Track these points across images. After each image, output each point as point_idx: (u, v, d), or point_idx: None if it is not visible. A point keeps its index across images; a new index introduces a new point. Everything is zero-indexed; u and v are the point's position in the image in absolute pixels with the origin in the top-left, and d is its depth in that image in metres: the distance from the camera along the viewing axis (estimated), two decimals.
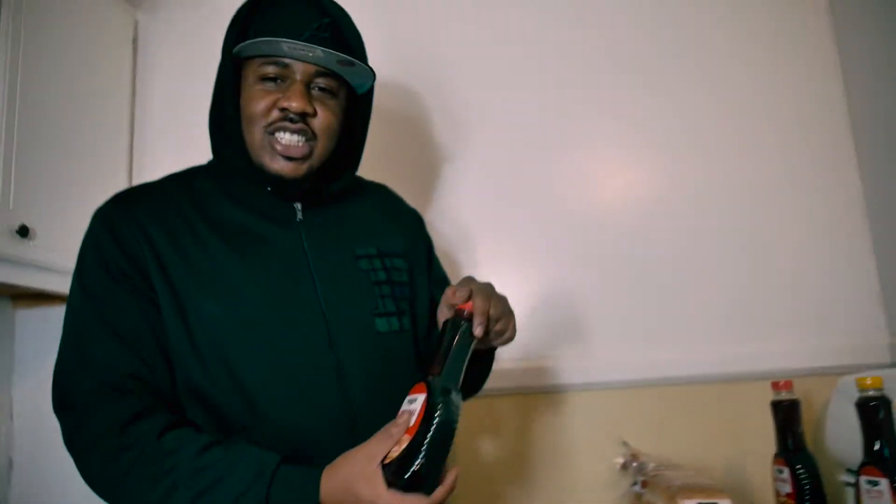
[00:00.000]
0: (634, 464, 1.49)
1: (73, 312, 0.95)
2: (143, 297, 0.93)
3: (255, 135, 0.97)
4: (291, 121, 0.95)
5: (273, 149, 0.97)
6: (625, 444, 1.54)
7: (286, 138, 0.96)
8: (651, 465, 1.44)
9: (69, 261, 1.53)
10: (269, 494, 0.82)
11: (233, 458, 0.85)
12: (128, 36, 1.87)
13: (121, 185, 1.78)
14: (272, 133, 0.96)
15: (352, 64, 0.97)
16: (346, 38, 1.00)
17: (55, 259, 1.51)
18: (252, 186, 1.02)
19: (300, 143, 0.96)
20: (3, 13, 1.43)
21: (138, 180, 1.84)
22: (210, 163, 1.10)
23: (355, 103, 1.06)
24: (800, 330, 1.58)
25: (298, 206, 1.04)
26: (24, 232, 1.41)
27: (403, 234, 1.15)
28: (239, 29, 0.99)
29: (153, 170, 1.81)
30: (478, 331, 0.89)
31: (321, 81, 0.98)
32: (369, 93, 1.06)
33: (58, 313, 1.74)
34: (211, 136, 1.06)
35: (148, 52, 1.91)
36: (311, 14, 0.96)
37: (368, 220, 1.12)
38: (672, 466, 1.42)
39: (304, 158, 0.98)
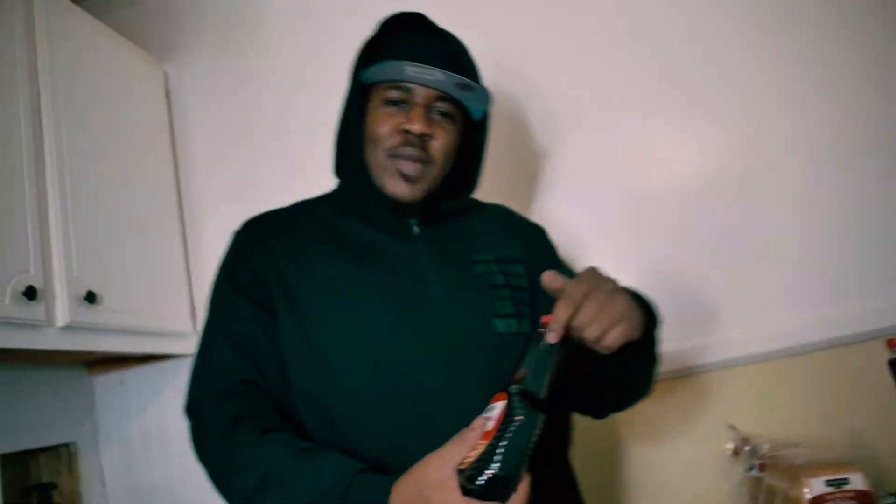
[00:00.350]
0: (747, 448, 1.39)
1: (205, 325, 1.05)
2: (261, 308, 1.00)
3: (377, 156, 1.03)
4: (412, 144, 1.00)
5: (394, 171, 1.02)
6: (732, 427, 1.45)
7: (408, 159, 1.01)
8: (765, 447, 1.34)
9: (136, 320, 1.57)
10: (345, 494, 0.83)
11: (321, 461, 0.87)
12: (160, 90, 1.88)
13: (174, 239, 1.77)
14: (394, 157, 1.01)
15: (470, 88, 1.02)
16: (464, 65, 1.05)
17: (123, 320, 1.51)
18: (371, 205, 1.06)
19: (420, 167, 1.02)
20: (42, 93, 1.44)
21: (192, 233, 1.84)
22: (332, 191, 1.16)
23: (472, 128, 1.10)
24: None
25: (415, 222, 1.07)
26: (91, 298, 1.41)
27: (522, 243, 1.16)
28: (366, 56, 1.05)
29: (204, 221, 1.82)
30: (550, 337, 0.82)
31: (441, 105, 1.03)
32: (486, 117, 1.10)
33: (133, 375, 1.79)
34: (335, 156, 1.12)
35: (181, 104, 1.92)
36: (433, 42, 1.04)
37: (485, 231, 1.14)
38: (789, 445, 1.33)
39: (420, 180, 1.03)
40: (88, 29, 1.64)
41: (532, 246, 1.17)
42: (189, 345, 1.72)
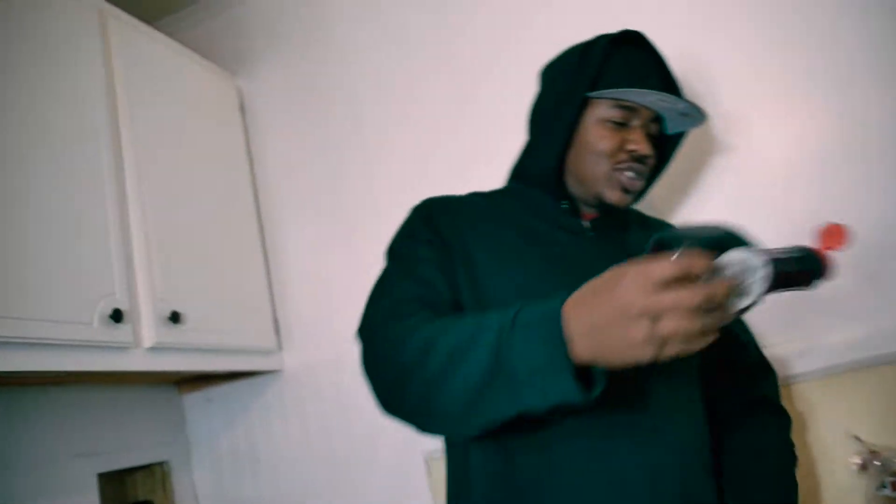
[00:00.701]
0: (876, 462, 1.25)
1: (381, 272, 1.04)
2: (441, 257, 1.02)
3: (600, 168, 1.06)
4: (638, 161, 1.06)
5: (618, 182, 1.06)
6: (856, 439, 1.31)
7: (631, 176, 1.06)
8: None
9: (219, 339, 1.57)
10: (517, 315, 0.77)
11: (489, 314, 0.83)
12: (234, 104, 1.89)
13: (255, 254, 1.77)
14: (619, 170, 1.06)
15: (689, 115, 1.08)
16: (677, 88, 1.11)
17: (207, 339, 1.51)
18: (547, 201, 1.11)
19: (638, 181, 1.07)
20: (120, 113, 1.46)
21: (271, 246, 1.83)
22: (506, 186, 1.19)
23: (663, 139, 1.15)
24: None
25: (587, 223, 1.11)
26: (175, 318, 1.41)
27: None
28: (590, 72, 1.07)
29: (284, 233, 1.82)
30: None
31: (653, 126, 1.09)
32: (682, 136, 1.15)
33: (220, 392, 1.80)
34: (525, 154, 1.16)
35: (255, 117, 1.91)
36: (652, 63, 1.09)
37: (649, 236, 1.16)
38: None
39: (637, 192, 1.09)
40: (162, 48, 1.65)
41: None
42: (273, 361, 1.72)
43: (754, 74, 1.48)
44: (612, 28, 1.10)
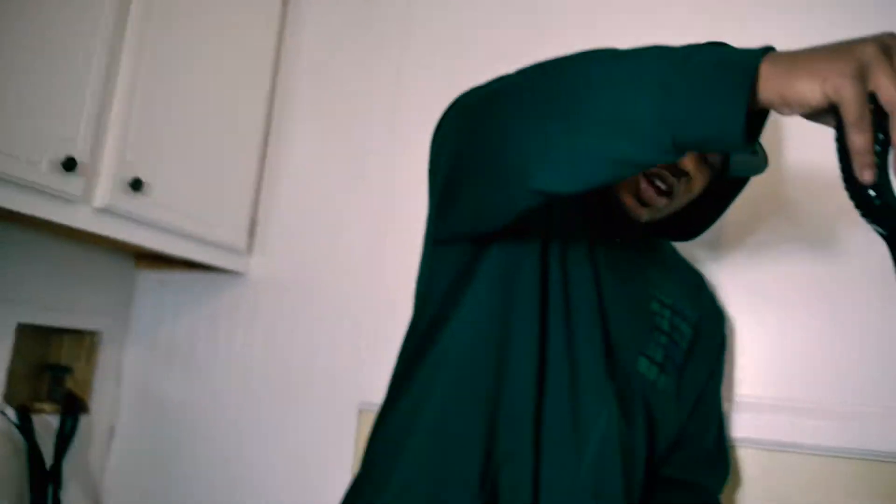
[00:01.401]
0: None
1: None
2: None
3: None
4: (674, 174, 0.94)
5: (637, 188, 0.96)
6: None
7: (658, 187, 0.95)
8: None
9: (183, 221, 1.40)
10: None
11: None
12: None
13: (252, 148, 1.63)
14: (647, 176, 0.95)
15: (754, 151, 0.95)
16: None
17: (170, 218, 1.39)
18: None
19: (663, 199, 0.96)
20: None
21: (274, 152, 1.68)
22: None
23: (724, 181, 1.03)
24: None
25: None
26: (137, 185, 1.28)
27: (701, 313, 1.14)
28: None
29: (290, 144, 1.67)
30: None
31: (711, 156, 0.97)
32: (746, 179, 1.05)
33: (177, 280, 1.68)
34: None
35: (299, 15, 1.73)
36: None
37: (674, 280, 1.12)
38: None
39: (660, 211, 0.99)
40: None
41: (709, 326, 1.15)
42: (238, 263, 1.60)
43: None
44: None
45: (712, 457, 1.13)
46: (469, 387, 0.89)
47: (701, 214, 1.08)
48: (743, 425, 1.23)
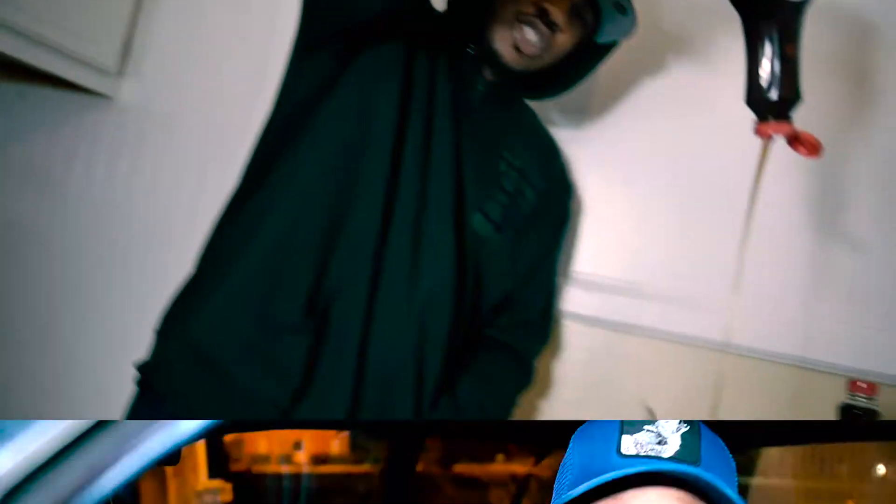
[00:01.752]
0: None
1: None
2: None
3: (506, 10, 0.97)
4: (546, 24, 0.95)
5: (512, 38, 0.96)
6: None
7: (530, 35, 0.96)
8: None
9: (43, 28, 1.24)
10: None
11: None
12: None
13: None
14: (521, 22, 0.96)
15: (623, 10, 0.97)
16: None
17: (27, 22, 1.26)
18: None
19: (536, 48, 0.96)
20: None
21: None
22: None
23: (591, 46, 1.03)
24: None
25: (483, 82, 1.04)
26: None
27: (549, 185, 1.13)
28: None
29: None
30: None
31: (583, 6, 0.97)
32: (613, 46, 1.04)
33: (38, 95, 1.49)
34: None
35: None
36: None
37: (530, 147, 1.11)
38: None
39: (532, 60, 0.98)
40: None
41: (552, 198, 1.14)
42: (104, 84, 1.48)
43: None
44: None
45: (535, 325, 1.15)
46: (316, 206, 0.92)
47: (568, 77, 1.07)
48: (577, 301, 1.27)
